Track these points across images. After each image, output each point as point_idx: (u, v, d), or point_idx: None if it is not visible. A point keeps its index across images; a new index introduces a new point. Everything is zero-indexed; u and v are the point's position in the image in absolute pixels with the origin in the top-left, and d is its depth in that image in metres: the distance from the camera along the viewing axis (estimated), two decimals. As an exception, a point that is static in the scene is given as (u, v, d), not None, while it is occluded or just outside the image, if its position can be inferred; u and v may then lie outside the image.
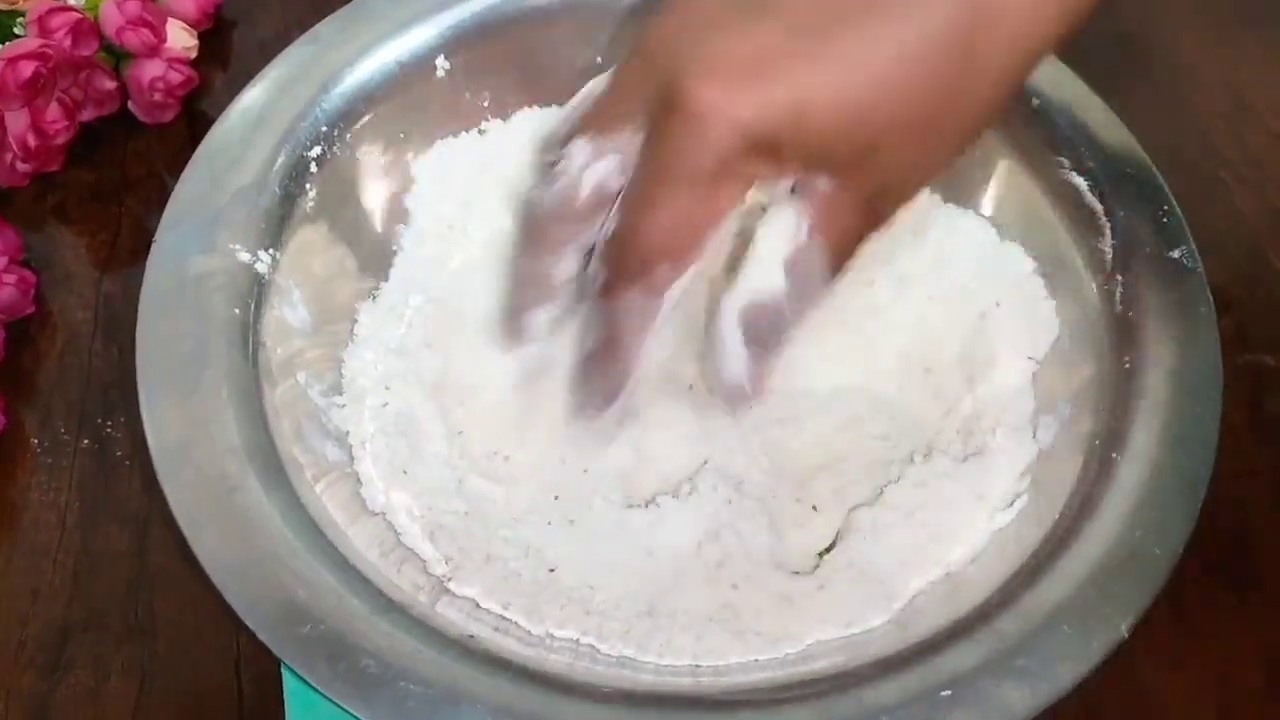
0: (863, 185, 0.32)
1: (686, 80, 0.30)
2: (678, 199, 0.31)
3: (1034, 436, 0.40)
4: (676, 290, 0.33)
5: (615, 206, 0.33)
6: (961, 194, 0.45)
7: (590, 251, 0.35)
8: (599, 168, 0.33)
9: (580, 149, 0.34)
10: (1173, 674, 0.40)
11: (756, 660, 0.36)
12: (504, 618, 0.37)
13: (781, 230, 0.33)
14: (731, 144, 0.30)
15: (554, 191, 0.34)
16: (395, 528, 0.38)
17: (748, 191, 0.32)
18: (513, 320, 0.38)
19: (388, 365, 0.42)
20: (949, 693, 0.32)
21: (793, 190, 0.33)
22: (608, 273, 0.34)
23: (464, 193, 0.46)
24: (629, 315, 0.34)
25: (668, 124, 0.31)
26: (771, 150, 0.31)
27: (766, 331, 0.34)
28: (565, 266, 0.35)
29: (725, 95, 0.30)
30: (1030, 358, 0.42)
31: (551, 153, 0.35)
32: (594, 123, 0.33)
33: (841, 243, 0.33)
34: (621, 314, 0.34)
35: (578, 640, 0.36)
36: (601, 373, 0.35)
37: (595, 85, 0.35)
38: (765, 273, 0.33)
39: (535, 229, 0.36)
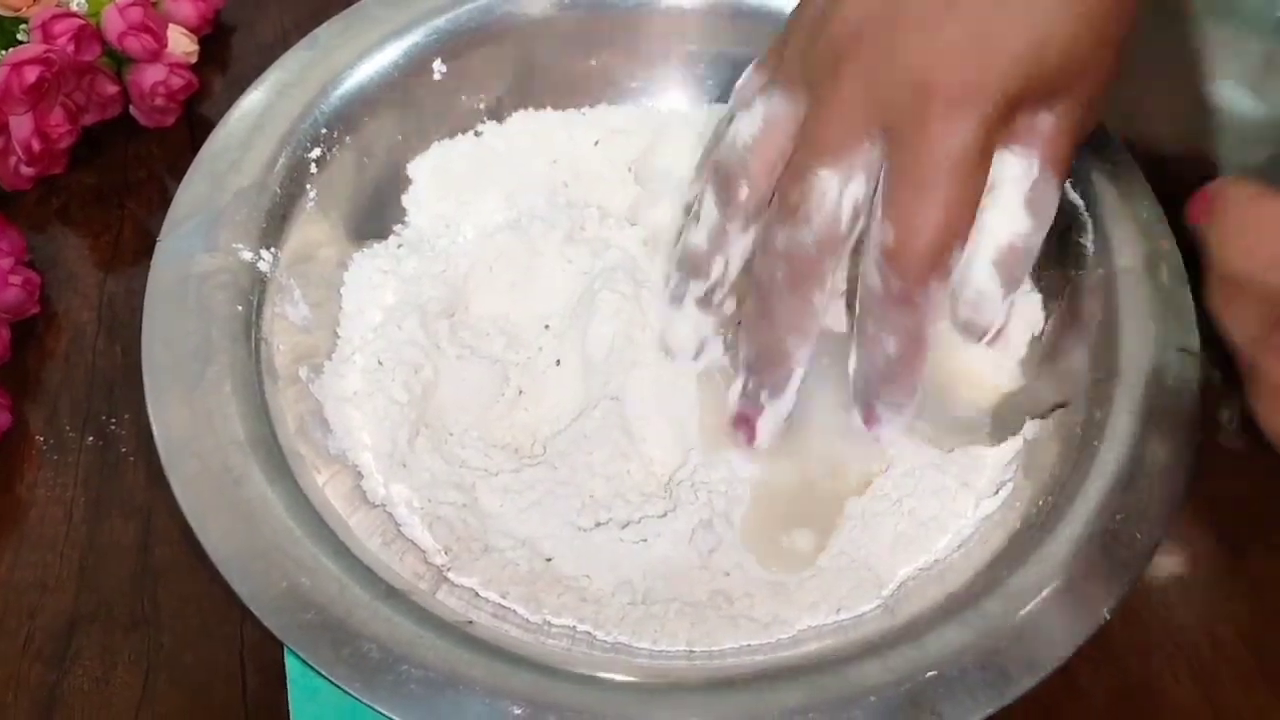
0: (1075, 110, 0.35)
1: (926, 80, 0.33)
2: (954, 186, 0.34)
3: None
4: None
5: (877, 217, 0.35)
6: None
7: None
8: (852, 190, 0.35)
9: (828, 180, 0.35)
10: (1157, 657, 0.40)
11: (749, 645, 0.37)
12: (502, 605, 0.37)
13: (1013, 175, 0.35)
14: (995, 115, 0.33)
15: (814, 229, 0.35)
16: (395, 519, 0.39)
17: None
18: (774, 362, 0.38)
19: (385, 364, 0.42)
20: (935, 673, 0.33)
21: None
22: (900, 280, 0.34)
23: (460, 193, 0.47)
24: (927, 308, 0.35)
25: (925, 125, 0.33)
26: (1020, 105, 0.33)
27: (1018, 271, 0.36)
28: (829, 293, 0.37)
29: (972, 75, 0.33)
30: (1017, 345, 0.43)
31: (730, 193, 0.37)
32: (825, 151, 0.35)
33: (1065, 168, 0.36)
34: (923, 309, 0.35)
35: (574, 627, 0.37)
36: (906, 373, 0.37)
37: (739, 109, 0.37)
38: (1010, 218, 0.35)
39: (801, 268, 0.36)
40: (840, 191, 0.35)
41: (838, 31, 0.34)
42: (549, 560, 0.39)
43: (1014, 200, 0.35)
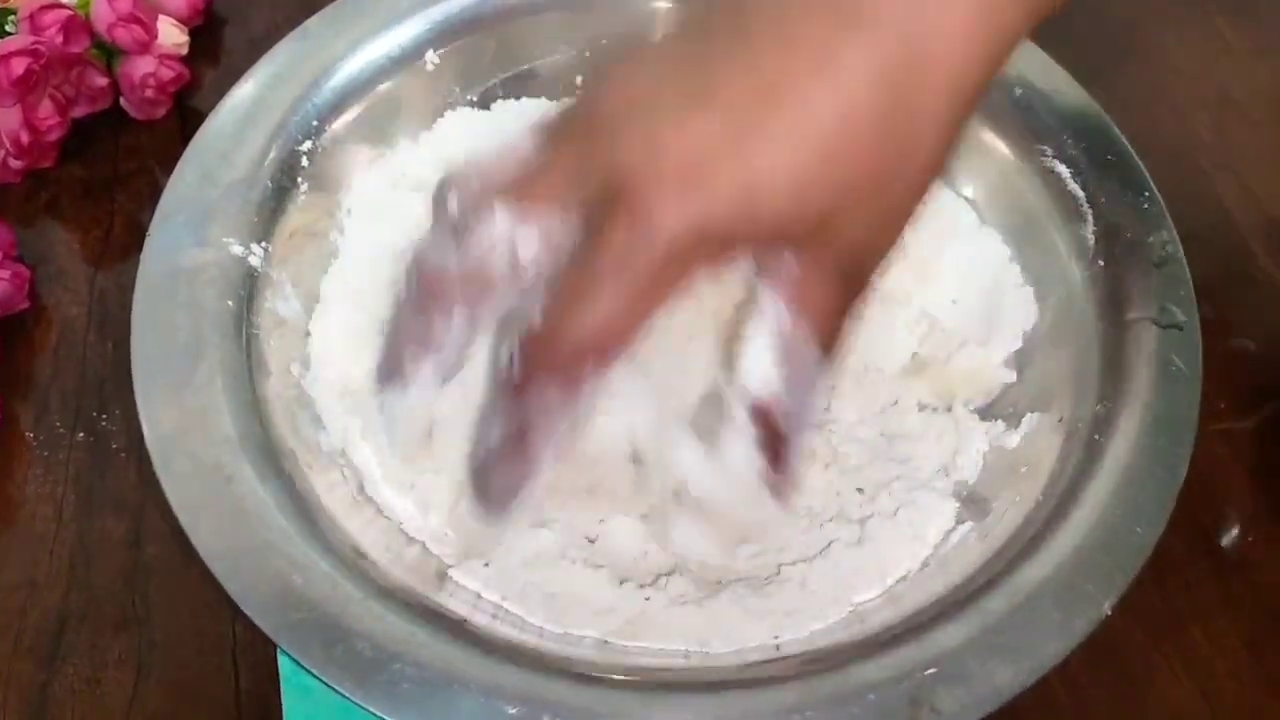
0: (827, 258, 0.31)
1: (631, 178, 0.29)
2: (615, 297, 0.30)
3: (1017, 423, 0.41)
4: (591, 389, 0.31)
5: (537, 296, 0.31)
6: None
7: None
8: (521, 239, 0.32)
9: (503, 215, 0.32)
10: (1155, 654, 0.40)
11: (747, 646, 0.36)
12: (500, 605, 0.37)
13: (767, 318, 0.32)
14: (681, 242, 0.29)
15: (464, 251, 0.32)
16: (388, 515, 0.39)
17: (693, 279, 0.31)
18: (389, 367, 0.35)
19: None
20: (934, 670, 0.33)
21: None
22: (526, 367, 0.31)
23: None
24: (543, 411, 0.31)
25: (612, 223, 0.30)
26: (721, 240, 0.30)
27: (781, 428, 0.33)
28: (455, 327, 0.33)
29: (673, 195, 0.29)
30: (1011, 340, 0.43)
31: (447, 202, 0.33)
32: (521, 191, 0.32)
33: (824, 320, 0.32)
34: (535, 409, 0.31)
35: (574, 633, 0.37)
36: (505, 470, 0.33)
37: (508, 145, 0.33)
38: (760, 372, 0.32)
39: (431, 284, 0.33)
40: (509, 233, 0.32)
41: (594, 109, 0.32)
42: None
43: (763, 351, 0.32)
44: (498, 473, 0.33)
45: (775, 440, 0.33)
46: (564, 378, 0.31)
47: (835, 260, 0.32)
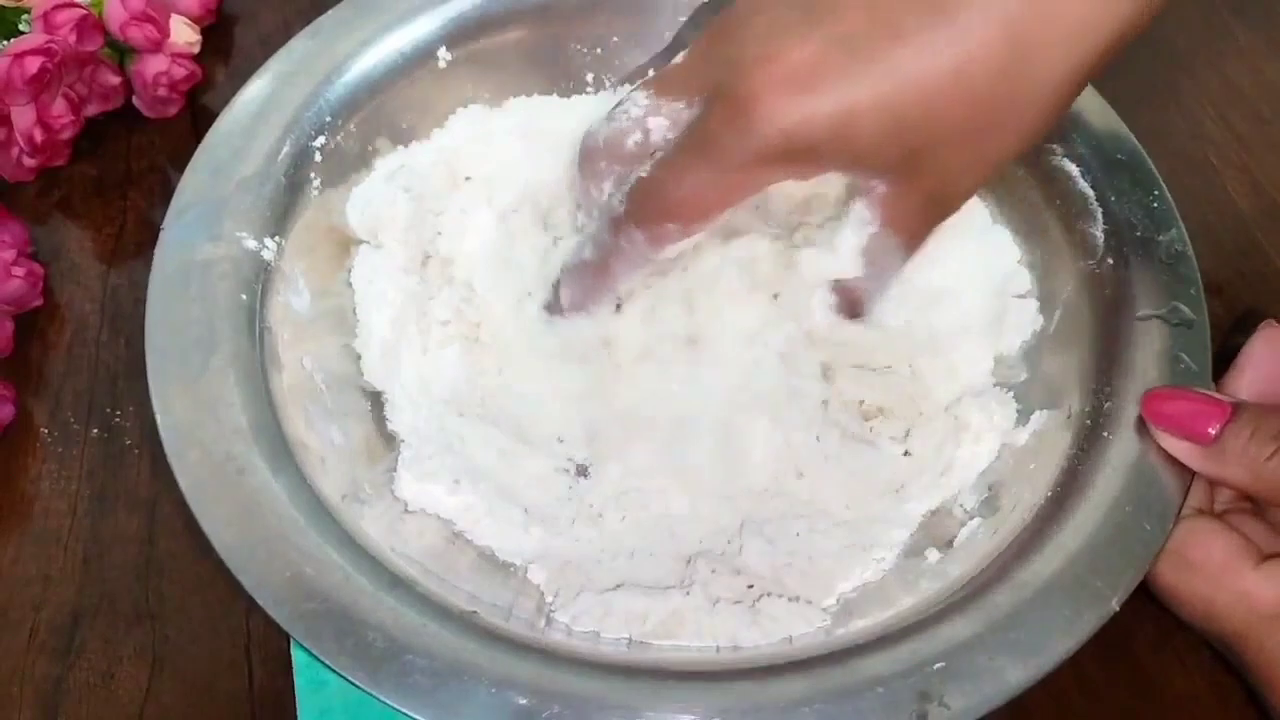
0: (917, 188, 0.34)
1: (741, 75, 0.32)
2: (702, 176, 0.34)
3: (1026, 419, 0.41)
4: (675, 250, 0.36)
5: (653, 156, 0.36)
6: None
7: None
8: (650, 123, 0.36)
9: (639, 102, 0.36)
10: (1166, 650, 0.40)
11: (759, 643, 0.37)
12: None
13: (857, 221, 0.35)
14: (769, 145, 0.32)
15: (608, 128, 0.37)
16: (409, 507, 0.39)
17: (779, 182, 0.34)
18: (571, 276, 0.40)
19: (393, 346, 0.42)
20: (943, 665, 0.33)
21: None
22: (627, 208, 0.36)
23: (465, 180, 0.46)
24: (628, 252, 0.36)
25: (717, 111, 0.33)
26: (810, 154, 0.32)
27: (851, 304, 0.39)
28: (602, 192, 0.38)
29: (773, 99, 0.32)
30: (1017, 338, 0.43)
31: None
32: (658, 84, 0.36)
33: (909, 235, 0.35)
34: (622, 247, 0.36)
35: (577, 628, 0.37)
36: (584, 285, 0.39)
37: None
38: (844, 260, 0.37)
39: (587, 156, 0.38)
40: (643, 115, 0.36)
41: (730, 14, 0.35)
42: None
43: (849, 245, 0.36)
44: (579, 281, 0.39)
45: (851, 304, 0.39)
46: (648, 228, 0.36)
47: (924, 191, 0.34)
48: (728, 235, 0.42)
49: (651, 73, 0.40)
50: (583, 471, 0.41)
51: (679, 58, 0.37)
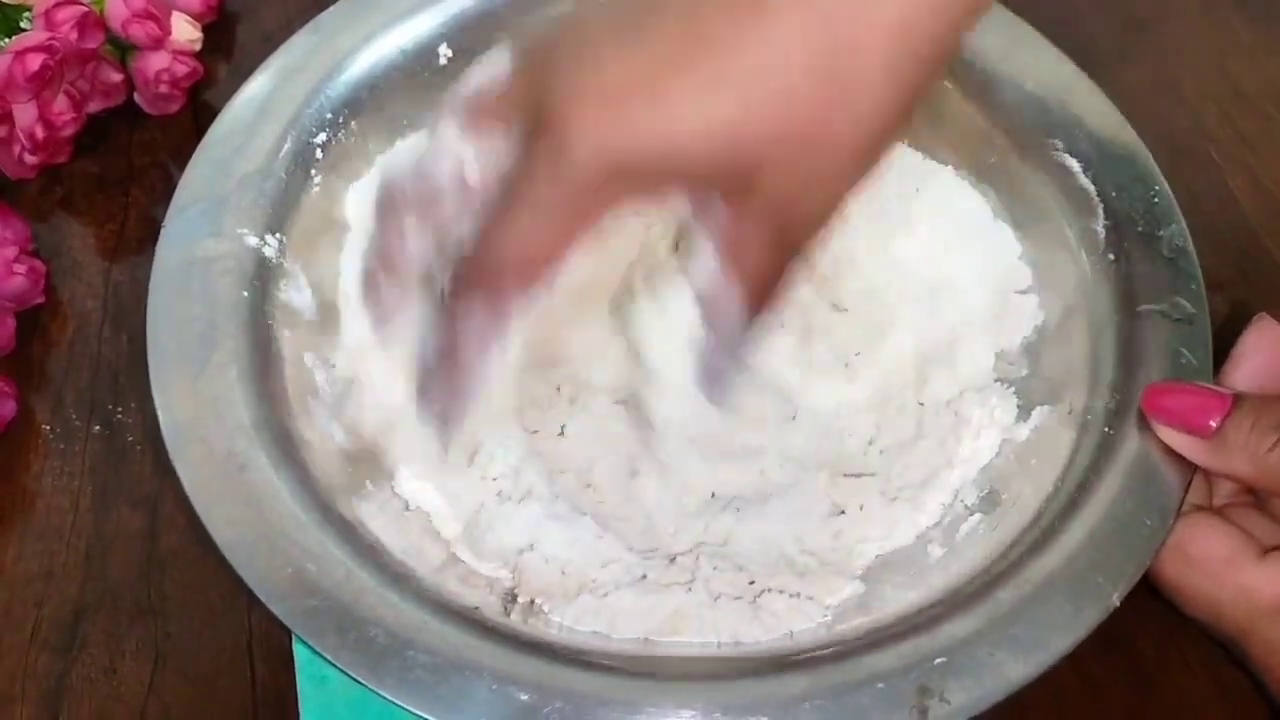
0: (759, 210, 0.31)
1: (557, 103, 0.30)
2: (533, 220, 0.31)
3: (1027, 415, 0.41)
4: (522, 312, 0.32)
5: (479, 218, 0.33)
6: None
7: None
8: (467, 155, 0.33)
9: (449, 131, 0.33)
10: (1168, 646, 0.40)
11: (760, 641, 0.37)
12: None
13: (696, 259, 0.32)
14: (595, 170, 0.30)
15: (417, 168, 0.34)
16: (410, 504, 0.39)
17: (608, 214, 0.31)
18: (369, 299, 0.36)
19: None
20: (944, 660, 0.33)
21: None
22: (456, 285, 0.33)
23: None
24: (472, 327, 0.33)
25: (536, 144, 0.30)
26: (640, 176, 0.30)
27: (708, 375, 0.35)
28: (410, 247, 0.34)
29: (591, 122, 0.29)
30: (1018, 334, 0.43)
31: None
32: (470, 112, 0.33)
33: (754, 279, 0.32)
34: (464, 323, 0.33)
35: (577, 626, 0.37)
36: (443, 384, 0.34)
37: (490, 64, 0.34)
38: (690, 313, 0.33)
39: (391, 203, 0.35)
40: (453, 143, 0.33)
41: (547, 43, 0.32)
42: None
43: (691, 290, 0.33)
44: (437, 386, 0.34)
45: (708, 375, 0.35)
46: (488, 296, 0.32)
47: (768, 216, 0.31)
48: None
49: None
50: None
51: (488, 89, 0.33)
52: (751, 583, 0.38)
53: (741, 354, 0.34)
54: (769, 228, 0.32)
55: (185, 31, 0.53)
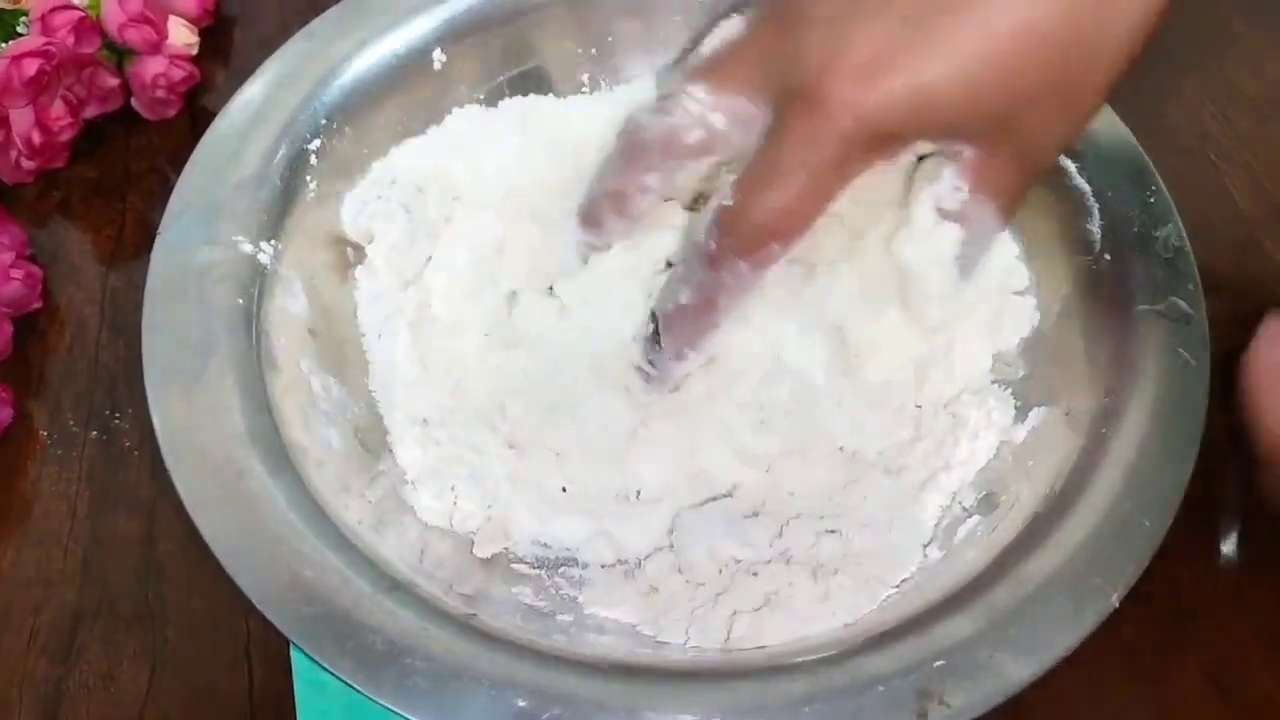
0: (1005, 150, 0.34)
1: (811, 74, 0.32)
2: (795, 185, 0.34)
3: (1024, 416, 0.41)
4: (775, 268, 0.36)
5: (734, 179, 0.35)
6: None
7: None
8: (713, 119, 0.36)
9: (700, 93, 0.36)
10: (1167, 646, 0.40)
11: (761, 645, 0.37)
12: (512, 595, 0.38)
13: (939, 191, 0.35)
14: (853, 138, 0.32)
15: (666, 122, 0.36)
16: (417, 511, 0.40)
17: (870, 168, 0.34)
18: (589, 211, 0.40)
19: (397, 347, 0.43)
20: (943, 663, 0.33)
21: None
22: (721, 242, 0.35)
23: (461, 179, 0.46)
24: (731, 283, 0.36)
25: (793, 114, 0.33)
26: (893, 137, 0.33)
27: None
28: (648, 188, 0.38)
29: (848, 93, 0.32)
30: (1015, 335, 0.43)
31: (668, 82, 0.37)
32: (717, 76, 0.36)
33: (1005, 197, 0.36)
34: (726, 280, 0.36)
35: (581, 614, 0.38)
36: (691, 326, 0.38)
37: (726, 28, 0.38)
38: (924, 235, 0.37)
39: (635, 148, 0.38)
40: (703, 111, 0.36)
41: (788, 5, 0.34)
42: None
43: (929, 218, 0.36)
44: (683, 328, 0.38)
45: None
46: (751, 255, 0.35)
47: (1012, 153, 0.34)
48: None
49: (684, 66, 0.39)
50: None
51: (728, 50, 0.36)
52: (756, 575, 0.38)
53: (986, 248, 0.38)
54: (1015, 157, 0.35)
55: (182, 36, 0.53)
